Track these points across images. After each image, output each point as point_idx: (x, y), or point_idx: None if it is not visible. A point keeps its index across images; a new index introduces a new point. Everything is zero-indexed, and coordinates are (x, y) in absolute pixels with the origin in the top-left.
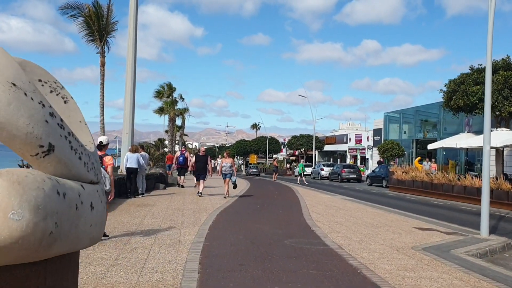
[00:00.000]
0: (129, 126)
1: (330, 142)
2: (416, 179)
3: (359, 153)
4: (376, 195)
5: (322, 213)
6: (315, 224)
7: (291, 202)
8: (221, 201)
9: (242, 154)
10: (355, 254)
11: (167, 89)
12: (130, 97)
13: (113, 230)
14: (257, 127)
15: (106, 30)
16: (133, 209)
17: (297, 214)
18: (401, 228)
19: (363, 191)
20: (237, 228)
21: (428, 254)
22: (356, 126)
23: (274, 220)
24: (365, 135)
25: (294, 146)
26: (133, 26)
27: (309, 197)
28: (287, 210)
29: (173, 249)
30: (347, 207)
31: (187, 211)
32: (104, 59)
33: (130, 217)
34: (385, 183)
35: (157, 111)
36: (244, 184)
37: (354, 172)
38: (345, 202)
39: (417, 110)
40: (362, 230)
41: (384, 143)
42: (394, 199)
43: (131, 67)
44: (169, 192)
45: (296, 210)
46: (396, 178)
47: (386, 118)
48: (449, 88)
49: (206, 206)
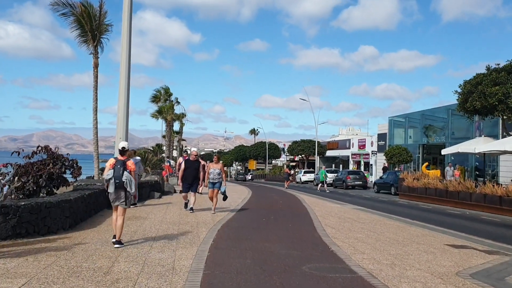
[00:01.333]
0: (122, 130)
1: (332, 148)
2: (429, 186)
3: (363, 158)
4: (386, 203)
5: (337, 227)
6: (333, 242)
7: (299, 213)
8: (222, 213)
9: (241, 159)
10: (392, 286)
11: (164, 93)
12: (124, 99)
13: (94, 252)
14: (256, 133)
15: (99, 30)
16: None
17: (309, 228)
18: (432, 245)
19: (371, 199)
20: (243, 248)
21: (481, 285)
22: (356, 131)
23: (285, 237)
24: (369, 140)
25: (295, 151)
26: (127, 24)
27: (317, 206)
28: (297, 223)
29: (164, 282)
30: (362, 218)
31: (184, 225)
32: (98, 60)
33: None
34: (394, 190)
35: (154, 115)
36: (246, 192)
37: (359, 179)
38: (357, 213)
39: (423, 114)
40: (389, 249)
41: (391, 148)
42: (407, 208)
43: (125, 67)
44: (164, 202)
45: (307, 223)
46: (406, 185)
47: (390, 123)
48: (464, 90)
49: (205, 219)
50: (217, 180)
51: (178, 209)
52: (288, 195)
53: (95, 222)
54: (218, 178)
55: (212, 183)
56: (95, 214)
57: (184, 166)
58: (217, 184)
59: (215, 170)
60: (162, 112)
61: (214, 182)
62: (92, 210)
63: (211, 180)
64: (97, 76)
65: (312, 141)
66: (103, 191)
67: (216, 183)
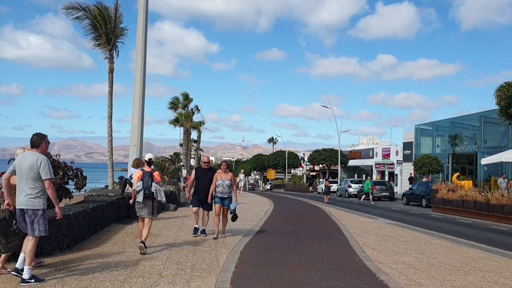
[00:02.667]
0: (137, 137)
1: (354, 157)
2: (466, 198)
3: (387, 168)
4: (419, 217)
5: (377, 248)
6: (378, 268)
7: (330, 229)
8: (243, 228)
9: (260, 169)
10: None
11: (183, 100)
12: (139, 104)
13: (92, 279)
14: (274, 141)
15: (114, 34)
16: (130, 242)
17: (346, 249)
18: (499, 273)
19: (402, 212)
20: (272, 277)
21: None
22: (376, 140)
23: (320, 261)
24: (394, 149)
25: (316, 160)
26: (142, 25)
27: (347, 221)
28: (330, 242)
29: None
30: (401, 236)
31: (200, 246)
32: (113, 65)
33: (122, 257)
34: (426, 202)
35: (172, 122)
36: (267, 204)
37: (386, 190)
38: (394, 229)
39: (453, 122)
40: (450, 279)
41: (420, 158)
42: (445, 222)
43: (140, 70)
44: (180, 215)
45: (342, 242)
46: (440, 197)
47: (417, 131)
48: (507, 93)
49: (223, 238)
50: (226, 195)
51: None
52: (314, 208)
53: (100, 240)
54: (228, 192)
55: (221, 198)
56: (101, 230)
57: (195, 175)
58: (227, 200)
59: (225, 181)
60: (180, 120)
61: (224, 197)
62: (97, 226)
63: (219, 194)
64: (112, 81)
65: (334, 150)
66: (112, 203)
67: (226, 199)
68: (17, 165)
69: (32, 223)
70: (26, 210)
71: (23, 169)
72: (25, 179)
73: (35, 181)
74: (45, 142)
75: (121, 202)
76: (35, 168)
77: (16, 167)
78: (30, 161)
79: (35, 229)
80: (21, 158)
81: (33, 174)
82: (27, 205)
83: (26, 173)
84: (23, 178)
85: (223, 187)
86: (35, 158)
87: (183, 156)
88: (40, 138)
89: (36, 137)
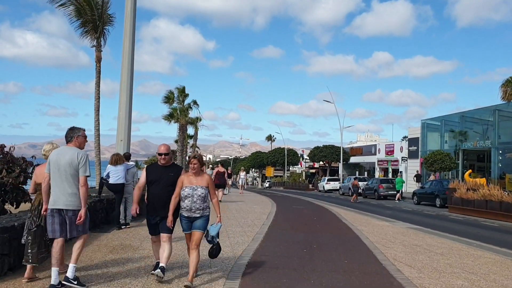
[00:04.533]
0: (124, 131)
1: (355, 154)
2: (491, 198)
3: (391, 165)
4: (437, 219)
5: (414, 264)
6: None
7: (346, 236)
8: (243, 239)
9: (258, 166)
10: None
11: (179, 94)
12: (127, 94)
13: None
14: (272, 139)
15: (101, 20)
16: (101, 257)
17: (375, 267)
18: None
19: (415, 213)
20: None
21: None
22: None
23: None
24: (398, 146)
25: (317, 157)
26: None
27: (362, 225)
28: (352, 256)
29: None
30: (434, 246)
31: None
32: (100, 54)
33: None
34: (440, 202)
35: (166, 117)
36: (268, 204)
37: (393, 188)
38: (420, 236)
39: (463, 116)
40: None
41: (431, 154)
42: (469, 226)
43: (127, 58)
44: None
45: (366, 255)
46: (459, 197)
47: (424, 126)
48: None
49: (223, 247)
50: (199, 213)
51: None
52: (320, 209)
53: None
54: (202, 208)
55: (188, 218)
56: (68, 241)
57: (146, 178)
58: (199, 220)
59: (196, 189)
60: (175, 115)
61: (194, 217)
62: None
63: (185, 212)
64: (100, 71)
65: (335, 146)
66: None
67: (198, 219)
68: (52, 161)
69: (72, 224)
70: (66, 211)
71: (61, 165)
72: (63, 176)
73: (75, 178)
74: (78, 137)
75: (97, 205)
76: (75, 164)
77: (52, 164)
78: (69, 156)
79: (73, 230)
80: (57, 154)
81: (72, 170)
82: (67, 205)
83: (65, 170)
84: (61, 175)
85: (193, 199)
86: (75, 153)
87: (179, 153)
88: (71, 132)
89: (69, 131)
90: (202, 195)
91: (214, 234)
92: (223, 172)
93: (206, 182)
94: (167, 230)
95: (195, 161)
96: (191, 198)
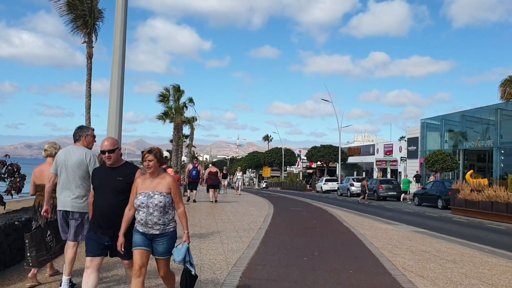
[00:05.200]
0: (115, 128)
1: (353, 154)
2: (497, 200)
3: (389, 165)
4: (440, 221)
5: (426, 275)
6: None
7: (349, 241)
8: (238, 245)
9: (255, 167)
10: None
11: (174, 92)
12: (117, 91)
13: None
14: (269, 139)
15: (92, 15)
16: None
17: (384, 278)
18: None
19: (417, 215)
20: None
21: None
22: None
23: None
24: (397, 146)
25: (314, 157)
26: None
27: (364, 228)
28: (357, 264)
29: None
30: (444, 252)
31: None
32: (92, 50)
33: None
34: (442, 203)
35: (160, 117)
36: (265, 206)
37: (393, 189)
38: (427, 240)
39: (464, 115)
40: None
41: (432, 154)
42: (476, 229)
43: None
44: None
45: (373, 264)
46: (462, 198)
47: (423, 126)
48: None
49: (210, 261)
50: (158, 229)
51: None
52: (319, 211)
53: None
54: (162, 220)
55: (144, 235)
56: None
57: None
58: (161, 240)
59: (153, 196)
60: (170, 113)
61: (152, 234)
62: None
63: (140, 227)
64: (91, 68)
65: (333, 146)
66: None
67: (158, 239)
68: (59, 161)
69: (77, 227)
70: (73, 213)
71: (69, 166)
72: (71, 177)
73: (83, 179)
74: (87, 136)
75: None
76: (84, 165)
77: (59, 164)
78: (78, 156)
79: (78, 234)
80: (65, 153)
81: (81, 171)
82: (74, 207)
83: (73, 171)
84: (69, 176)
85: (149, 211)
86: (84, 154)
87: (174, 154)
88: (80, 130)
89: (77, 129)
90: (161, 204)
91: (178, 260)
92: (215, 172)
93: (167, 187)
94: (125, 255)
95: (150, 157)
96: (146, 209)
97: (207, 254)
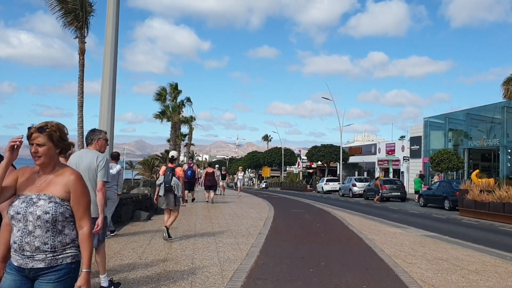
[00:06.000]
0: (107, 126)
1: (354, 153)
2: (509, 201)
3: (392, 165)
4: (449, 223)
5: None
6: None
7: (357, 248)
8: (235, 254)
9: (255, 166)
10: None
11: (171, 90)
12: (109, 87)
13: None
14: (269, 139)
15: (83, 10)
16: None
17: None
18: None
19: (424, 216)
20: None
21: None
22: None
23: None
24: (399, 145)
25: (315, 157)
26: None
27: (372, 233)
28: (371, 278)
29: None
30: (463, 260)
31: (172, 284)
32: (84, 46)
33: None
34: (449, 204)
35: (157, 116)
36: (265, 207)
37: (397, 189)
38: (442, 246)
39: (469, 114)
40: None
41: (438, 153)
42: (488, 232)
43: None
44: (152, 228)
45: (386, 275)
46: (471, 199)
47: (426, 124)
48: None
49: (204, 274)
50: (43, 260)
51: (167, 245)
52: (322, 213)
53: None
54: (49, 245)
55: (19, 272)
56: None
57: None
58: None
59: (37, 202)
60: (167, 112)
61: (32, 268)
62: None
63: (13, 257)
64: (84, 64)
65: (334, 146)
66: None
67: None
68: (72, 164)
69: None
70: None
71: (80, 169)
72: None
73: (94, 183)
74: (99, 139)
75: None
76: (94, 167)
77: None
78: (89, 160)
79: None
80: (77, 157)
81: (91, 175)
82: None
83: (84, 174)
84: None
85: (27, 227)
86: (95, 157)
87: None
88: (92, 134)
89: (90, 132)
90: (47, 217)
91: None
92: (212, 172)
93: (63, 189)
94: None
95: (40, 139)
96: (22, 223)
97: (200, 265)
